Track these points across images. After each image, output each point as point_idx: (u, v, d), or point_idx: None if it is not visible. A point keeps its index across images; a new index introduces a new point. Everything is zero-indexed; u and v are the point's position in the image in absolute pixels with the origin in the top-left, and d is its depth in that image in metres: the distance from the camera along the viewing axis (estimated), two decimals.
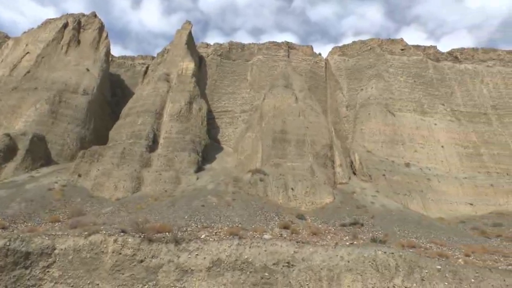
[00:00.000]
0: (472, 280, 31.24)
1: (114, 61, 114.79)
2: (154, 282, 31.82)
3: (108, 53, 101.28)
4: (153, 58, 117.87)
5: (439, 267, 32.54)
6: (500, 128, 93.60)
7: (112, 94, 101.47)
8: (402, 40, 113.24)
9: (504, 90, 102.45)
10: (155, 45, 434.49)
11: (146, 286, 31.51)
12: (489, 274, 32.05)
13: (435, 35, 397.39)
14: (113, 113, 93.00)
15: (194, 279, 32.06)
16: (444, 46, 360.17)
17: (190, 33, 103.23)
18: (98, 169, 66.09)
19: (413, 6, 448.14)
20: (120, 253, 32.97)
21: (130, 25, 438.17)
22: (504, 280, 31.37)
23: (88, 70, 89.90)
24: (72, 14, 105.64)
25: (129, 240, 34.01)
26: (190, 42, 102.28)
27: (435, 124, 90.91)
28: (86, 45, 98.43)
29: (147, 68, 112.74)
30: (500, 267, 34.25)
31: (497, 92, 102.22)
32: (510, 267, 34.73)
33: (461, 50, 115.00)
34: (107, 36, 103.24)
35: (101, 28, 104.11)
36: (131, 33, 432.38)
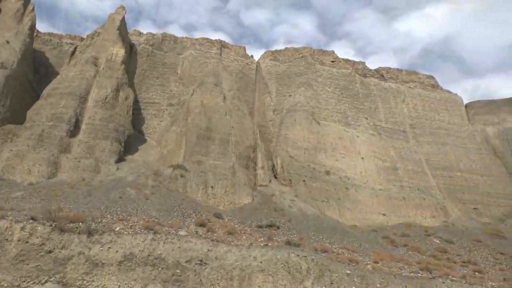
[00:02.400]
0: (378, 285, 33.60)
1: (39, 37, 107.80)
2: (62, 275, 30.69)
3: (33, 27, 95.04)
4: (82, 39, 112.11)
5: (348, 271, 34.59)
6: (416, 146, 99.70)
7: (35, 71, 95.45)
8: (333, 52, 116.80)
9: (422, 112, 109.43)
10: (85, 27, 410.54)
11: (53, 279, 30.26)
12: (394, 280, 34.70)
13: (362, 53, 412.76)
14: (33, 92, 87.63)
15: (104, 273, 31.47)
16: (371, 64, 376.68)
17: (123, 18, 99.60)
18: (11, 150, 62.46)
19: (345, 23, 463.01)
20: (27, 242, 31.42)
21: (60, 3, 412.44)
22: (406, 286, 34.16)
23: (8, 42, 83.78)
24: None
25: (39, 228, 32.56)
26: (122, 28, 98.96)
27: (358, 136, 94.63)
28: (7, 16, 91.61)
29: (75, 49, 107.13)
30: (403, 274, 37.18)
31: (415, 112, 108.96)
32: (412, 274, 37.85)
33: (387, 69, 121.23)
34: (33, 9, 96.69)
35: None
36: (60, 11, 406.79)
